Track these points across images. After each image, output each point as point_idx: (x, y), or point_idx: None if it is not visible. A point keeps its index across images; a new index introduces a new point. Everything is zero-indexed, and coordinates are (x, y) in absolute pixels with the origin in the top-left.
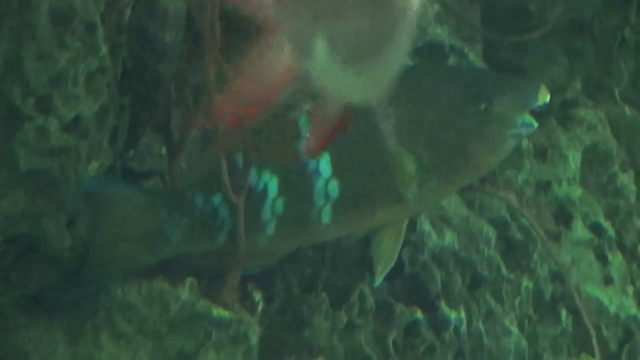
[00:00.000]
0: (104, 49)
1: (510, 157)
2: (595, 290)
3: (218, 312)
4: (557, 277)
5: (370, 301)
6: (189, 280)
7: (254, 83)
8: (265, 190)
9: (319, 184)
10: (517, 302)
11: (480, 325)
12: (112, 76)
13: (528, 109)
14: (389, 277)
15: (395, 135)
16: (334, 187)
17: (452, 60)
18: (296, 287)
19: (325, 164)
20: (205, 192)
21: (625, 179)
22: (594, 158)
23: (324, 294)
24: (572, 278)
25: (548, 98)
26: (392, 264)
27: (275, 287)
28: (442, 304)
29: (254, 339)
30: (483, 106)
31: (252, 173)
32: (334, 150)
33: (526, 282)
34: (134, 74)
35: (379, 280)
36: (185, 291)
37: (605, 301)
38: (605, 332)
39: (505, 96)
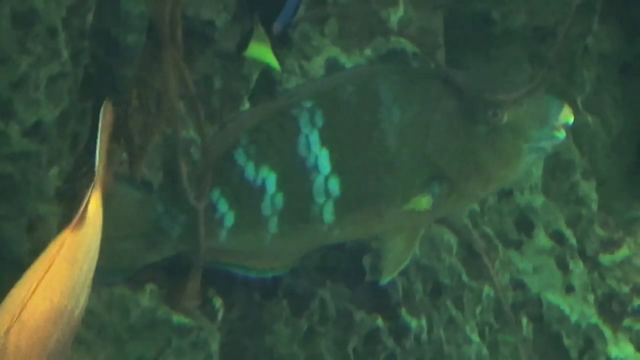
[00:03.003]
0: (66, 54)
1: None
2: (556, 298)
3: (178, 318)
4: (518, 285)
5: (331, 308)
6: (149, 286)
7: None
8: (263, 186)
9: (319, 180)
10: (478, 310)
11: (441, 333)
12: (73, 81)
13: (549, 125)
14: (350, 284)
15: (400, 139)
16: (334, 185)
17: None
18: (257, 293)
19: (324, 160)
20: None
21: (587, 188)
22: (556, 166)
23: (284, 301)
24: (534, 286)
25: (572, 119)
26: (402, 266)
27: (235, 294)
28: (403, 312)
29: (214, 346)
30: (492, 113)
31: (250, 168)
32: (333, 146)
33: (487, 290)
34: (95, 78)
35: (385, 279)
36: (146, 297)
37: (567, 309)
38: (565, 341)
39: (520, 107)
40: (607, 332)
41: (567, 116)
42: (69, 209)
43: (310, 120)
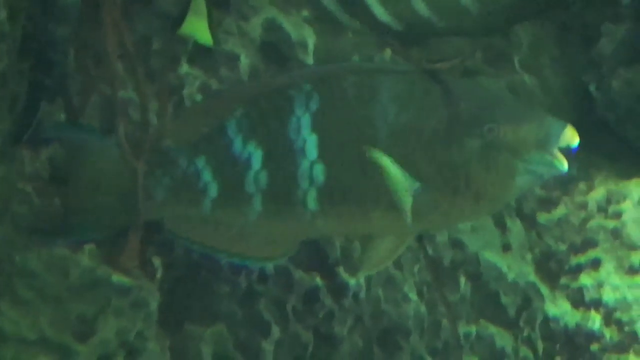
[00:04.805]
0: (3, 14)
1: None
2: (494, 256)
3: (118, 278)
4: (457, 244)
5: (270, 267)
6: (88, 246)
7: None
8: (249, 161)
9: (304, 165)
10: (416, 269)
11: (380, 292)
12: (11, 41)
13: (549, 148)
14: None
15: (392, 139)
16: (319, 172)
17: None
18: (196, 253)
19: (312, 145)
20: (189, 153)
21: None
22: None
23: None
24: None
25: (576, 142)
26: (381, 268)
27: (175, 253)
28: (342, 270)
29: (154, 305)
30: (487, 127)
31: (238, 141)
32: (323, 133)
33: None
34: (33, 39)
35: (361, 275)
36: (85, 257)
37: (504, 268)
38: (503, 299)
39: (519, 125)
40: (545, 290)
41: (569, 138)
42: (8, 170)
43: (306, 103)
